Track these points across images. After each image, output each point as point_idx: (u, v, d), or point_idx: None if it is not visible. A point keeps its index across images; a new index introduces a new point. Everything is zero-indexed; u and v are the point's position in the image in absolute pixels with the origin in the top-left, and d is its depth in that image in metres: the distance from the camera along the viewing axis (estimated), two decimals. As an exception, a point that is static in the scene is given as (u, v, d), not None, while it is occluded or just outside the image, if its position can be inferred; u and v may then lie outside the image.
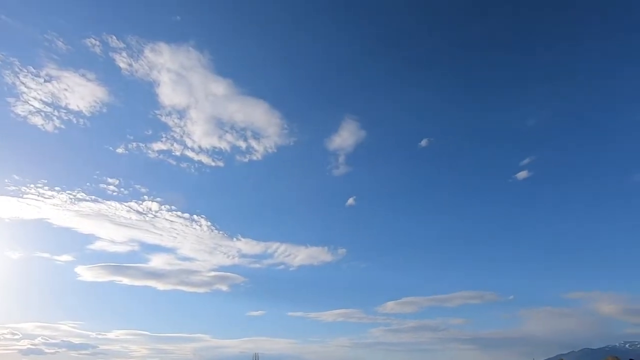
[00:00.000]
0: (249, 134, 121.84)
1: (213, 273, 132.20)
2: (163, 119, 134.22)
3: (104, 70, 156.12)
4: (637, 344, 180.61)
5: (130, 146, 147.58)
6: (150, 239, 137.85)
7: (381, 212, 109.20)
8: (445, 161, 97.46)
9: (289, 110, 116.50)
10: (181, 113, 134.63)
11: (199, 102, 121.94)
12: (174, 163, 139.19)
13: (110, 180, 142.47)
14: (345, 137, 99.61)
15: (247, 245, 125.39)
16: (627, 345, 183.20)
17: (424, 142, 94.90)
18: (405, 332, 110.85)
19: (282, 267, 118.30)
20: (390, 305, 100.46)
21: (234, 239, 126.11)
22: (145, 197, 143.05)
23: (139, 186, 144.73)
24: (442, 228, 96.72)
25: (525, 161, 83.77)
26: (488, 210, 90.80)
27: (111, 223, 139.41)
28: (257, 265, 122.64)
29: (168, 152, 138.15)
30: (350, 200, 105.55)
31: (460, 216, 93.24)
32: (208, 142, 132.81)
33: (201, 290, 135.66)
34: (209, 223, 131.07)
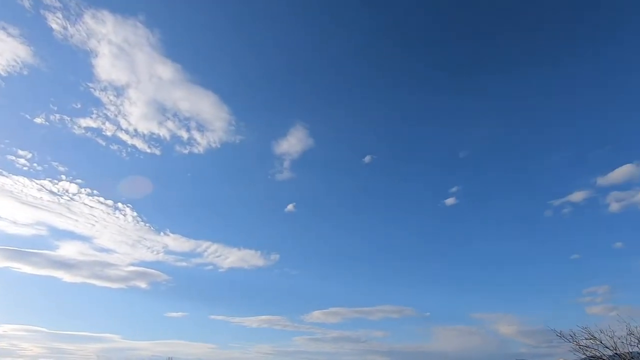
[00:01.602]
0: (192, 124, 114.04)
1: (132, 268, 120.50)
2: (96, 93, 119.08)
3: (31, 27, 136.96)
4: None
5: (52, 117, 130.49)
6: (63, 224, 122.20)
7: (319, 222, 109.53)
8: (384, 180, 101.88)
9: (239, 107, 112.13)
10: (119, 90, 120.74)
11: (141, 82, 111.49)
12: (103, 144, 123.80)
13: (21, 152, 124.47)
14: (293, 142, 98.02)
15: (175, 242, 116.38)
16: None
17: (367, 159, 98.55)
18: (327, 342, 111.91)
19: (210, 267, 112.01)
20: (316, 315, 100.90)
21: (162, 234, 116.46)
22: (63, 176, 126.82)
23: (56, 164, 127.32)
24: (373, 243, 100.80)
25: (454, 189, 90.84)
26: (416, 231, 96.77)
27: (16, 201, 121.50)
28: (184, 264, 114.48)
29: (97, 131, 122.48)
30: (290, 207, 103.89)
31: (390, 233, 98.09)
32: (146, 126, 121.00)
33: (116, 285, 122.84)
34: (135, 213, 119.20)
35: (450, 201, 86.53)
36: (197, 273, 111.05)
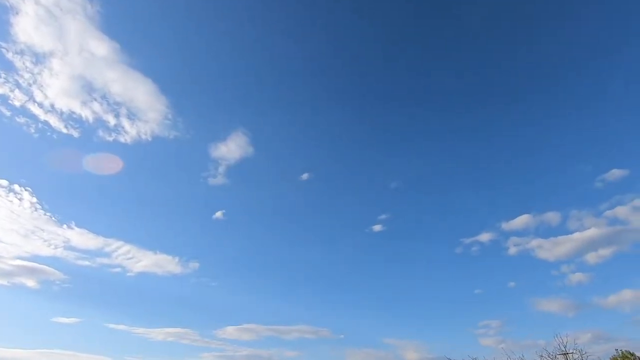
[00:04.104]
0: (123, 111, 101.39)
1: (20, 262, 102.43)
2: (9, 55, 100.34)
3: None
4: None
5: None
6: None
7: (246, 233, 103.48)
8: (318, 199, 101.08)
9: (179, 101, 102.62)
10: (39, 57, 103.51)
11: (69, 54, 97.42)
12: (8, 114, 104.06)
13: None
14: (232, 148, 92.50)
15: (80, 237, 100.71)
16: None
17: (304, 176, 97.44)
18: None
19: (118, 269, 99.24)
20: (229, 330, 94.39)
21: (64, 226, 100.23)
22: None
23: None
24: (296, 261, 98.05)
25: (382, 216, 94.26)
26: (340, 254, 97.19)
27: None
28: (86, 263, 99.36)
29: (3, 98, 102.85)
30: (219, 214, 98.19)
31: (316, 253, 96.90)
32: (66, 103, 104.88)
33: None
34: (35, 199, 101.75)
35: (377, 228, 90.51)
36: (100, 275, 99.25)
